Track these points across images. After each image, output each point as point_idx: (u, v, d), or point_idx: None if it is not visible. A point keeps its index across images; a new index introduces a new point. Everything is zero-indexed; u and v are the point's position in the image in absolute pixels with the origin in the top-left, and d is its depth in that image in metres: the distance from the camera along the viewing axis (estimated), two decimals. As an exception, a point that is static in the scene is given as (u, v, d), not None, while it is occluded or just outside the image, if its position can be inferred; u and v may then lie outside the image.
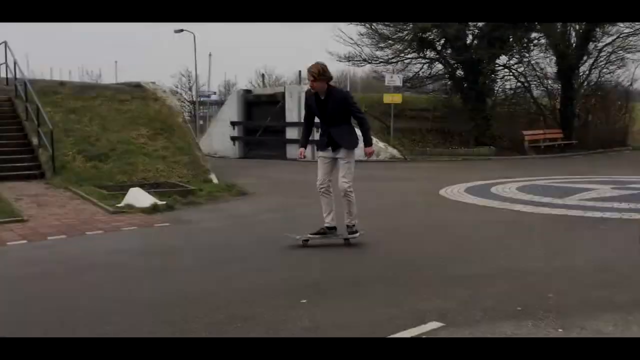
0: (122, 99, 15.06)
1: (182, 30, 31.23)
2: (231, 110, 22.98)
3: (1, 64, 15.22)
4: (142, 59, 63.47)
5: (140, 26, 68.84)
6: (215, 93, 43.09)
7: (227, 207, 9.59)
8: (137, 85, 16.25)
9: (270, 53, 72.66)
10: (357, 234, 6.21)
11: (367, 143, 6.33)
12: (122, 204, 9.11)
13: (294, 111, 20.85)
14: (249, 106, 22.96)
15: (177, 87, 44.66)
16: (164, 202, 9.24)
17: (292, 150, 20.91)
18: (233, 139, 22.61)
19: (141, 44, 70.96)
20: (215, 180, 12.62)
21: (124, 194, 9.59)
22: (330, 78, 6.08)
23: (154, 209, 8.85)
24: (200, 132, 28.50)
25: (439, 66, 23.46)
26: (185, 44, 68.01)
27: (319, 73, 5.92)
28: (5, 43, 14.63)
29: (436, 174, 14.75)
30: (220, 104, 38.18)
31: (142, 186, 10.11)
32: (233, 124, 22.66)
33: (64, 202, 9.46)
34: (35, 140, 12.33)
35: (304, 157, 6.52)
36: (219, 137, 23.34)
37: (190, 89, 45.74)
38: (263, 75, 39.00)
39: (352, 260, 5.64)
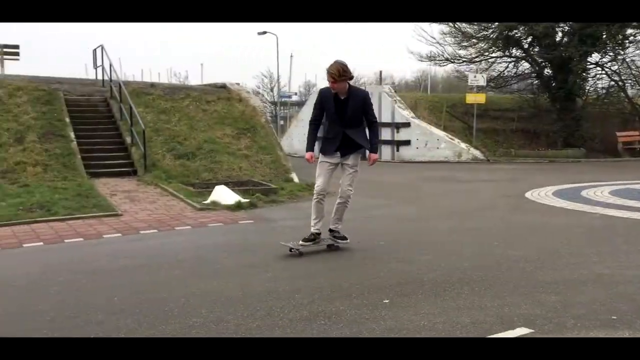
0: (208, 100, 15.58)
1: (265, 32, 31.90)
2: (310, 110, 23.22)
3: (98, 67, 16.16)
4: (226, 61, 65.42)
5: (225, 29, 70.91)
6: (296, 94, 43.70)
7: (307, 206, 9.67)
8: (223, 87, 16.77)
9: (350, 53, 72.84)
10: (348, 240, 6.12)
11: (374, 149, 6.05)
12: (208, 201, 9.44)
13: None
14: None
15: (259, 88, 45.66)
16: (248, 200, 9.49)
17: (372, 151, 20.87)
18: (313, 139, 22.85)
19: (225, 46, 73.11)
20: (296, 180, 12.81)
21: (210, 192, 9.93)
22: (351, 77, 5.74)
23: (238, 206, 9.10)
24: (280, 132, 29.00)
25: (525, 65, 22.71)
26: (267, 46, 69.38)
27: (339, 74, 5.55)
28: (102, 47, 15.50)
29: (521, 175, 14.27)
30: (300, 104, 38.65)
31: (226, 184, 10.42)
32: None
33: (154, 198, 9.91)
34: (128, 139, 12.99)
35: (313, 161, 6.03)
36: (299, 137, 23.64)
37: (271, 90, 46.64)
38: (343, 76, 39.03)
39: (435, 262, 5.55)
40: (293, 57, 36.51)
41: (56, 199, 9.12)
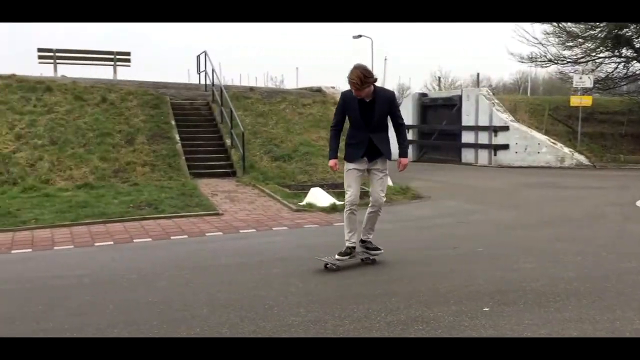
0: (304, 103, 15.87)
1: (360, 36, 31.97)
2: (406, 114, 22.99)
3: (201, 72, 16.90)
4: (321, 65, 66.21)
5: (319, 33, 71.77)
6: (389, 97, 43.39)
7: (401, 209, 9.64)
8: (318, 90, 17.02)
9: (445, 55, 71.49)
10: (382, 250, 5.77)
11: (404, 153, 5.67)
12: (303, 203, 9.61)
13: (471, 114, 20.31)
14: (424, 109, 22.84)
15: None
16: (342, 202, 9.55)
17: (469, 155, 20.39)
18: (407, 142, 22.67)
19: (320, 50, 74.06)
20: (390, 183, 12.74)
21: (305, 193, 10.10)
22: (375, 79, 5.26)
23: (332, 208, 9.20)
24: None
25: (636, 65, 21.29)
26: (362, 48, 69.72)
27: (362, 81, 5.10)
28: (205, 52, 16.21)
29: (632, 183, 13.40)
30: (394, 107, 38.28)
31: (321, 186, 10.55)
32: (407, 127, 22.70)
33: (252, 198, 10.23)
34: (228, 141, 13.49)
35: (337, 168, 5.68)
36: (391, 140, 23.52)
37: (365, 93, 46.56)
38: (439, 78, 38.46)
39: (538, 271, 5.34)
40: (387, 60, 36.37)
41: (162, 198, 9.64)
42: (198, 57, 17.33)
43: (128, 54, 18.70)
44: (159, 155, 12.41)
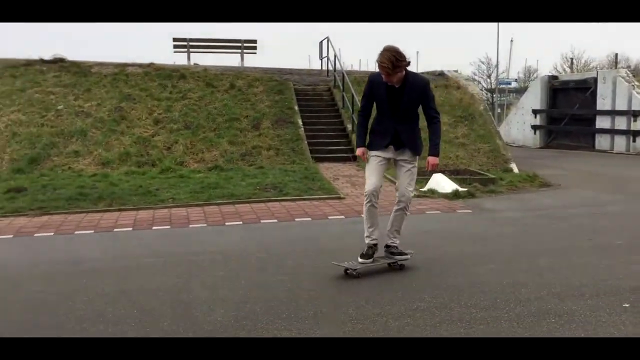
0: (426, 88, 15.58)
1: (484, 17, 30.75)
2: (533, 98, 21.93)
3: (323, 58, 17.15)
4: (441, 48, 64.60)
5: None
6: (515, 80, 41.59)
7: (529, 198, 9.23)
8: (440, 74, 16.65)
9: (578, 33, 66.88)
10: (409, 255, 5.08)
11: (435, 151, 4.92)
12: (425, 189, 9.50)
13: (607, 98, 18.91)
14: (554, 93, 21.60)
15: (475, 75, 44.36)
16: (465, 189, 9.34)
17: (603, 141, 19.06)
18: (534, 127, 21.59)
19: (440, 32, 72.26)
20: (515, 170, 12.26)
21: (427, 179, 9.96)
22: (408, 63, 4.62)
23: (455, 195, 9.02)
24: (497, 120, 27.84)
25: None
26: (486, 30, 66.91)
27: (393, 64, 4.50)
28: (328, 39, 16.40)
29: None
30: (518, 91, 36.68)
31: (442, 172, 10.36)
32: (535, 112, 21.62)
33: (373, 183, 10.26)
34: (349, 126, 13.61)
35: (366, 159, 5.07)
36: (518, 125, 22.57)
37: (489, 77, 45.00)
38: (571, 60, 36.14)
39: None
40: (513, 42, 34.72)
41: (287, 181, 9.95)
42: (320, 43, 17.59)
43: (254, 41, 19.38)
44: (283, 139, 12.80)
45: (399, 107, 4.77)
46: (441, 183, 9.47)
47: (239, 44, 19.06)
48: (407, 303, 4.11)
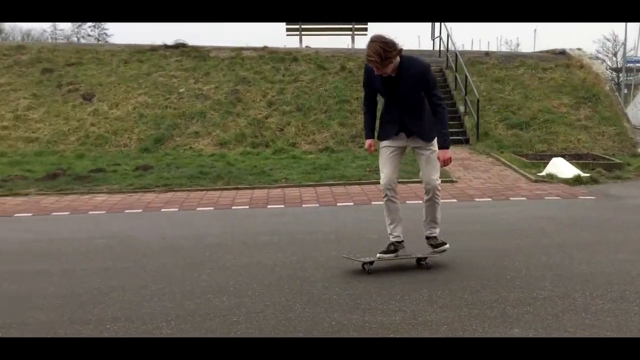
0: (544, 67, 14.83)
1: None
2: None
3: (435, 38, 16.77)
4: (561, 23, 60.80)
5: (563, -10, 65.78)
6: (645, 58, 38.42)
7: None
8: (561, 53, 15.74)
9: None
10: (446, 246, 4.64)
11: (444, 143, 4.37)
12: (543, 173, 9.09)
13: None
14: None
15: (599, 53, 41.49)
16: (588, 175, 8.83)
17: None
18: (667, 109, 19.88)
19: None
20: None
21: (544, 163, 9.53)
22: (400, 51, 4.10)
23: (576, 180, 8.55)
24: (624, 101, 25.95)
25: None
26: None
27: (382, 57, 4.01)
28: (441, 18, 16.00)
29: None
30: (650, 70, 33.88)
31: (562, 156, 9.85)
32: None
33: (486, 167, 9.96)
34: (462, 108, 13.25)
35: (374, 150, 4.75)
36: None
37: (614, 55, 41.90)
38: None
39: None
40: (645, 16, 31.92)
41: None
42: (432, 23, 17.19)
43: (365, 23, 19.28)
44: (393, 121, 12.70)
45: (398, 97, 4.37)
46: (561, 167, 9.01)
47: (350, 25, 19.05)
48: (525, 291, 3.97)
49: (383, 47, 4.02)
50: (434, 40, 17.18)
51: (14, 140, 11.74)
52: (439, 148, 4.40)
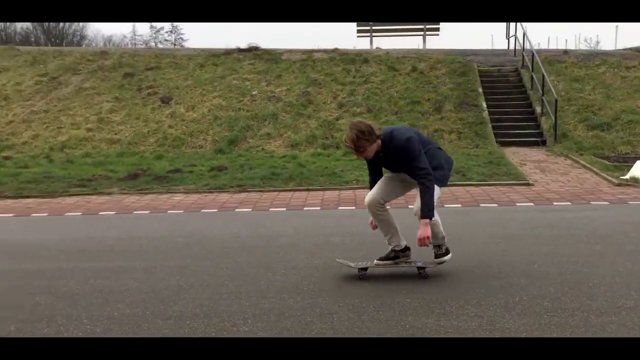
0: (628, 66, 14.16)
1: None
2: None
3: (511, 37, 16.31)
4: (646, 20, 57.63)
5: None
6: None
7: None
8: (647, 49, 14.94)
9: None
10: (449, 256, 4.51)
11: (425, 214, 4.20)
12: (626, 177, 8.67)
13: None
14: None
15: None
16: (677, 178, 8.34)
17: None
18: None
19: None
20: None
21: (628, 166, 9.12)
22: (377, 137, 4.11)
23: (664, 184, 8.10)
24: None
25: None
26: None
27: (355, 145, 4.06)
28: (516, 17, 15.54)
29: None
30: None
31: (648, 159, 9.36)
32: None
33: (565, 169, 9.60)
34: (538, 109, 12.82)
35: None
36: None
37: None
38: None
39: None
40: None
41: (470, 165, 9.71)
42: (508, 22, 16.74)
43: (437, 23, 19.03)
44: (466, 123, 12.47)
45: (393, 169, 4.45)
46: (646, 171, 8.56)
47: (421, 26, 18.85)
48: (610, 299, 3.80)
49: (358, 135, 4.05)
50: (508, 39, 16.74)
51: (97, 142, 12.34)
52: (420, 217, 4.26)
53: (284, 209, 7.38)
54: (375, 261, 4.60)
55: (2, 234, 6.36)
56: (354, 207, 7.36)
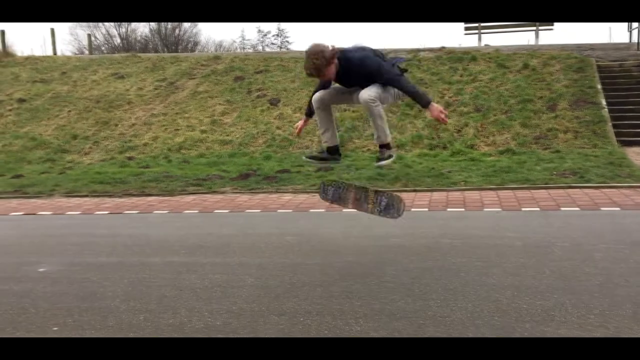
0: None
1: None
2: None
3: (633, 29, 15.24)
4: None
5: None
6: None
7: None
8: None
9: None
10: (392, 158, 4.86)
11: (423, 103, 4.43)
12: None
13: None
14: None
15: None
16: None
17: None
18: None
19: None
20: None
21: None
22: (332, 57, 4.31)
23: None
24: None
25: None
26: None
27: (318, 69, 4.32)
28: None
29: None
30: None
31: None
32: None
33: (697, 171, 8.83)
34: (665, 106, 11.89)
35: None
36: None
37: None
38: None
39: None
40: None
41: (587, 166, 9.19)
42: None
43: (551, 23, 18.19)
44: (582, 121, 11.81)
45: (351, 85, 4.72)
46: None
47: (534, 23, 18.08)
48: None
49: (316, 55, 4.29)
50: (630, 31, 15.64)
51: (211, 143, 12.95)
52: (424, 106, 4.45)
53: (391, 209, 7.36)
54: (304, 158, 5.08)
55: (129, 229, 6.85)
56: (463, 209, 7.21)
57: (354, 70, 4.48)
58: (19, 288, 4.65)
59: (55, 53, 20.66)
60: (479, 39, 18.45)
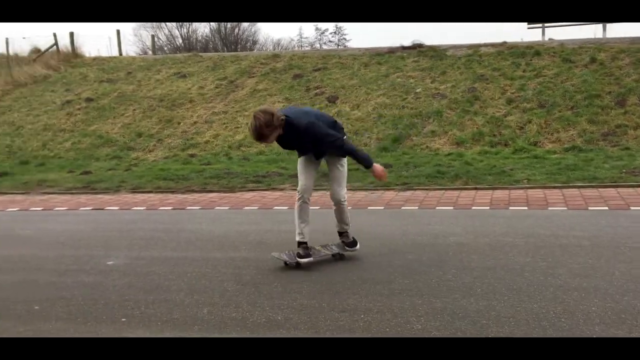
0: None
1: None
2: None
3: None
4: None
5: None
6: None
7: None
8: None
9: None
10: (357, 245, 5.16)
11: (366, 165, 4.90)
12: None
13: None
14: None
15: None
16: None
17: None
18: None
19: None
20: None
21: None
22: (276, 126, 4.49)
23: None
24: None
25: None
26: None
27: (263, 135, 4.49)
28: None
29: None
30: None
31: None
32: None
33: None
34: None
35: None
36: None
37: None
38: None
39: None
40: None
41: (660, 164, 8.77)
42: None
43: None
44: (658, 117, 11.27)
45: (301, 150, 4.98)
46: None
47: (601, 13, 17.35)
48: None
49: (261, 124, 4.42)
50: None
51: (270, 140, 13.11)
52: (367, 167, 4.90)
53: (451, 207, 7.26)
54: (299, 260, 4.87)
55: (192, 225, 7.03)
56: (526, 208, 7.02)
57: (300, 136, 4.69)
58: (89, 280, 4.86)
59: (120, 54, 21.39)
60: (543, 33, 17.89)
